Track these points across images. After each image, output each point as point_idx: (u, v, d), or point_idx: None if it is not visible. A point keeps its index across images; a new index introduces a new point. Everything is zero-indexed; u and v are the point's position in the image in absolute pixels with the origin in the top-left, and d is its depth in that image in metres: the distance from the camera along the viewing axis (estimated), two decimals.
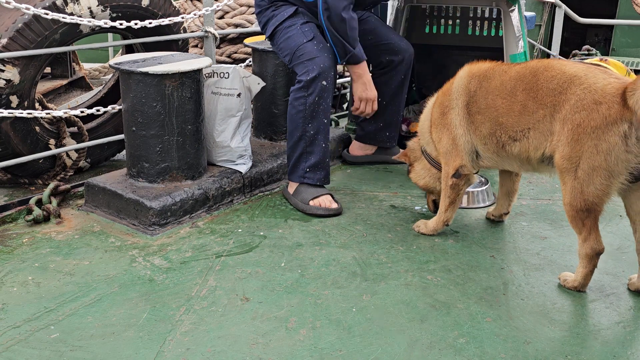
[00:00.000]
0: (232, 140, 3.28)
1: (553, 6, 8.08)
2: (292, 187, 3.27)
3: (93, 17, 3.86)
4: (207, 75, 3.28)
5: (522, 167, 2.67)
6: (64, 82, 5.36)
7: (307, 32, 3.21)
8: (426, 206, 3.20)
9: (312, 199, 3.15)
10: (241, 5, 5.70)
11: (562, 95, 2.38)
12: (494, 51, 3.88)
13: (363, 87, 3.34)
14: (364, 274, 2.56)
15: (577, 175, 2.32)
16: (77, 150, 4.14)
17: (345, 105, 5.72)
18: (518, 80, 2.53)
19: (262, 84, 3.36)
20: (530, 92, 2.48)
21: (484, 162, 2.74)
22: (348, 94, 5.10)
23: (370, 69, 3.67)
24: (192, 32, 4.90)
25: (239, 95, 3.26)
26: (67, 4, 3.77)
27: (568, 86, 2.37)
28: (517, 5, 3.75)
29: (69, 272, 2.56)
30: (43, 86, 5.10)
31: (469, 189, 3.23)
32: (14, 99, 3.72)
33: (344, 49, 3.17)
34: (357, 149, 3.85)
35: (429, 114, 2.91)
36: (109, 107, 3.87)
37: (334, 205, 3.13)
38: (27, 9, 3.39)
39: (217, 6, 4.38)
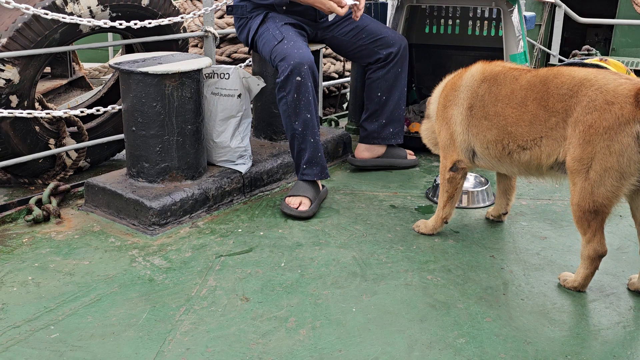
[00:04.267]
0: (232, 140, 3.28)
1: (553, 6, 8.08)
2: None
3: (93, 17, 3.87)
4: (207, 75, 3.28)
5: (525, 173, 2.62)
6: (64, 81, 5.37)
7: (277, 34, 3.25)
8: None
9: (289, 196, 3.17)
10: None
11: (573, 98, 2.34)
12: (494, 51, 3.88)
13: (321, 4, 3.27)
14: (364, 274, 2.56)
15: (588, 176, 2.28)
16: (76, 150, 4.14)
17: (345, 105, 5.72)
18: (529, 90, 2.48)
19: (262, 84, 3.36)
20: (541, 101, 2.43)
21: (480, 163, 2.73)
22: (348, 94, 5.10)
23: (370, 66, 3.67)
24: (192, 31, 4.90)
25: (239, 96, 3.26)
26: (66, 4, 3.77)
27: (579, 89, 2.33)
28: (517, 5, 3.75)
29: (68, 272, 2.56)
30: (43, 86, 5.11)
31: (469, 189, 3.24)
32: (14, 99, 3.72)
33: None
34: (363, 150, 3.75)
35: (438, 97, 2.85)
36: (109, 107, 3.87)
37: (302, 208, 3.09)
38: (27, 8, 3.39)
39: (217, 6, 4.38)
